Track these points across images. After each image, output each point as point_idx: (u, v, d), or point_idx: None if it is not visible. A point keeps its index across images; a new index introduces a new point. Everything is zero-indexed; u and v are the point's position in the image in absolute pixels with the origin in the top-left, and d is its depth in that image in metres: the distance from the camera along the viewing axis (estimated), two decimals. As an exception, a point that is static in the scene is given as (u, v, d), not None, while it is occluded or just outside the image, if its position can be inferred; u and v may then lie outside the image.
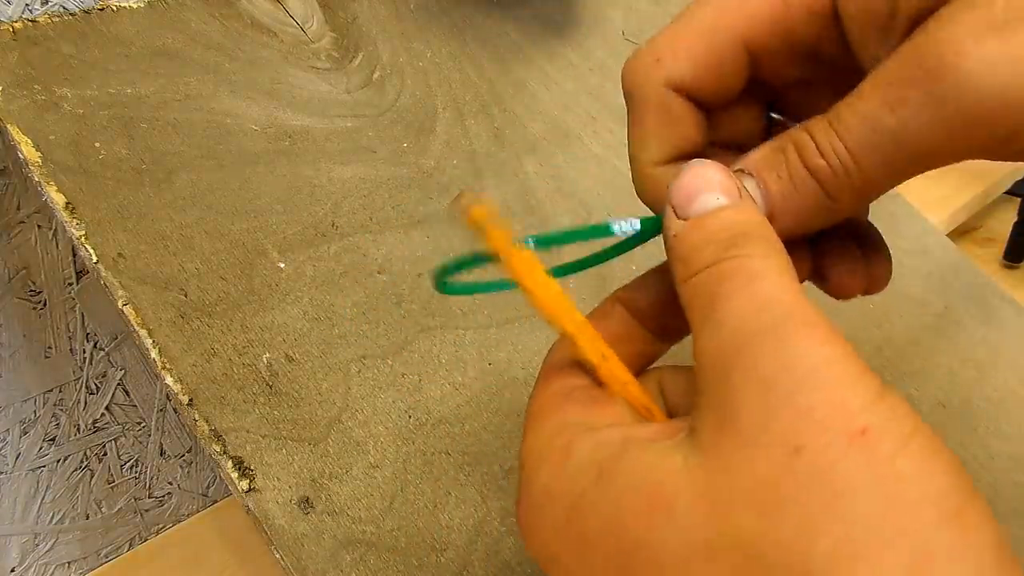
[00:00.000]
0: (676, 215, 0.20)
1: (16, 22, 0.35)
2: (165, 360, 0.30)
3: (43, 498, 0.47)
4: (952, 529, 0.13)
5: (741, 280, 0.17)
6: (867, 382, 0.15)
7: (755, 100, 0.23)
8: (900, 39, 0.18)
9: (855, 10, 0.19)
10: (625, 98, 0.22)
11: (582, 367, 0.20)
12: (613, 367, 0.20)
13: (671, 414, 0.21)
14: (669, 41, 0.21)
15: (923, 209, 0.56)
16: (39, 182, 0.32)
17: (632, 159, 0.22)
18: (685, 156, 0.21)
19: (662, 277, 0.22)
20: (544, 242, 0.21)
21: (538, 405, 0.20)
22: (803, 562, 0.14)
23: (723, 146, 0.23)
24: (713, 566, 0.14)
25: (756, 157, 0.20)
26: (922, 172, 0.18)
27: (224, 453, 0.29)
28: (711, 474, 0.15)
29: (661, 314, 0.22)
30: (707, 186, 0.19)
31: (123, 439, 0.50)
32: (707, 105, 0.22)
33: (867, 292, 0.22)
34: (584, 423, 0.19)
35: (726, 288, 0.17)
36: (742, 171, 0.20)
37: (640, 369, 0.22)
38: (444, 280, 0.21)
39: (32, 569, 0.48)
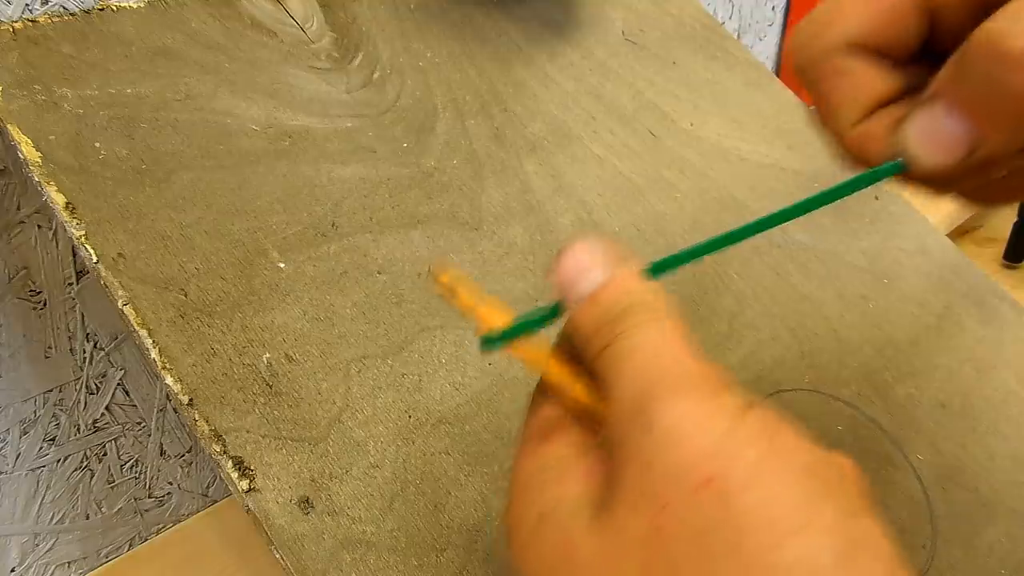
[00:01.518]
0: (568, 301, 0.21)
1: (16, 22, 0.35)
2: (165, 360, 0.30)
3: (43, 498, 0.47)
4: (793, 545, 0.15)
5: (626, 355, 0.18)
6: (714, 424, 0.16)
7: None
8: None
9: None
10: (799, 73, 0.22)
11: (538, 405, 0.21)
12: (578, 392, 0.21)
13: None
14: (835, 5, 0.21)
15: (923, 209, 0.56)
16: (39, 182, 0.32)
17: (829, 131, 0.22)
18: (881, 105, 0.21)
19: None
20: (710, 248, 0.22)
21: (521, 444, 0.21)
22: None
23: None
24: None
25: (944, 77, 0.19)
26: None
27: (224, 453, 0.29)
28: (606, 534, 0.17)
29: None
30: (583, 267, 0.20)
31: (123, 439, 0.50)
32: (892, 58, 0.21)
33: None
34: (538, 463, 0.20)
35: (617, 367, 0.18)
36: (933, 98, 0.19)
37: None
38: (493, 341, 0.22)
39: (32, 569, 0.48)
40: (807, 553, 0.15)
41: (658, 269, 0.21)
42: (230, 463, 0.29)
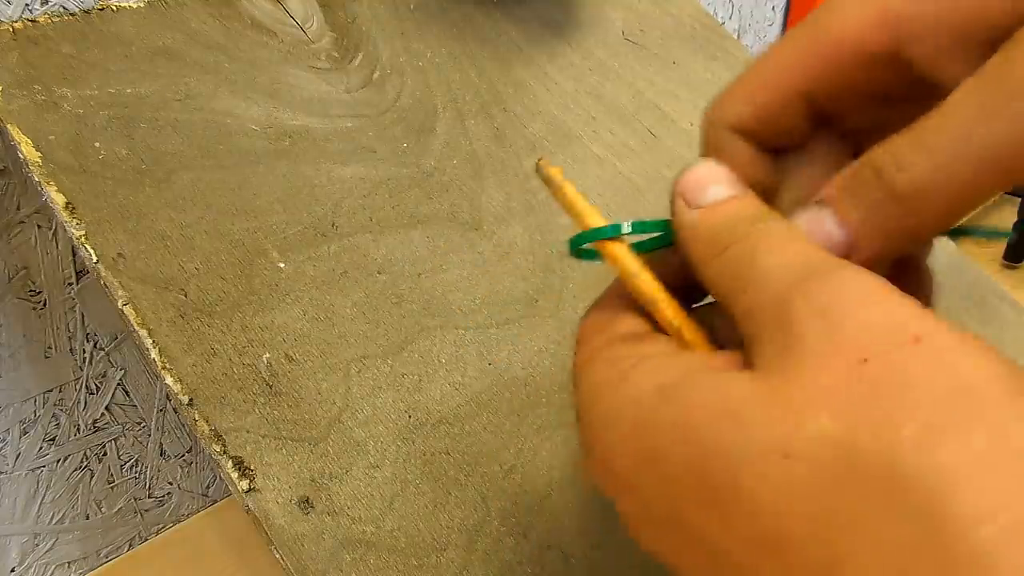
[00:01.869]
0: (688, 205, 0.21)
1: (16, 22, 0.35)
2: (165, 360, 0.30)
3: (43, 498, 0.47)
4: (1019, 401, 0.14)
5: (776, 241, 0.18)
6: (909, 301, 0.16)
7: (837, 148, 0.23)
8: (979, 57, 0.18)
9: (921, 43, 0.19)
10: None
11: (622, 319, 0.21)
12: (667, 304, 0.21)
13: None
14: (733, 87, 0.22)
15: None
16: (39, 182, 0.32)
17: None
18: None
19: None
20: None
21: (585, 356, 0.21)
22: (890, 451, 0.14)
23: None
24: (790, 464, 0.15)
25: (833, 186, 0.20)
26: (1011, 186, 0.18)
27: (224, 453, 0.29)
28: (779, 387, 0.16)
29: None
30: (716, 179, 0.21)
31: (123, 439, 0.50)
32: (773, 148, 0.22)
33: None
34: (636, 354, 0.19)
35: (763, 248, 0.18)
36: (821, 202, 0.20)
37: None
38: (587, 238, 0.22)
39: (32, 569, 0.48)
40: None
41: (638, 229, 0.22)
42: (230, 463, 0.29)
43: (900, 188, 0.18)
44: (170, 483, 0.53)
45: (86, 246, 0.31)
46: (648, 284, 0.21)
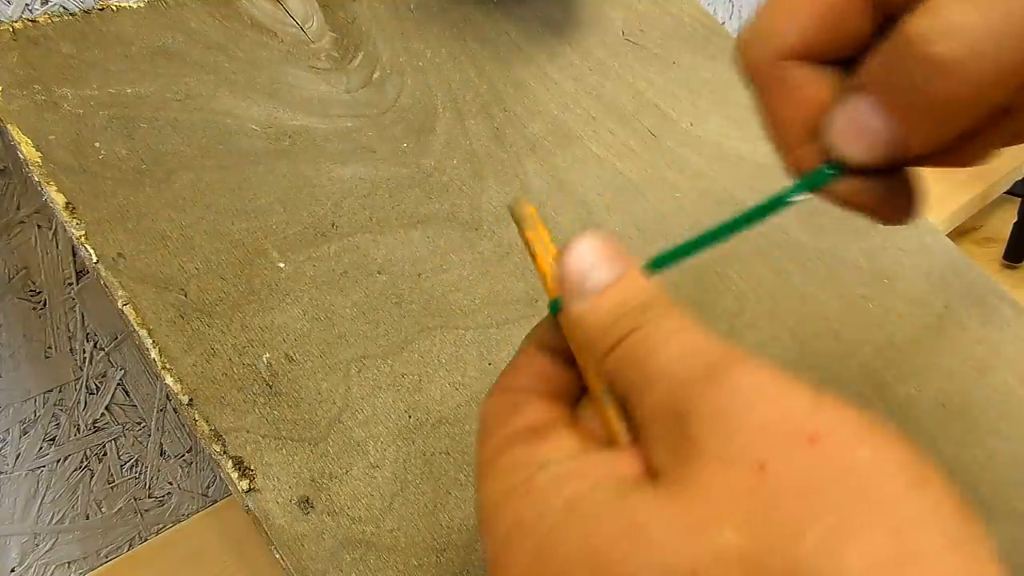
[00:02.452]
0: (571, 299, 0.20)
1: (16, 22, 0.35)
2: (165, 360, 0.30)
3: (43, 498, 0.47)
4: (922, 495, 0.14)
5: (662, 337, 0.18)
6: (802, 393, 0.16)
7: None
8: None
9: None
10: (746, 84, 0.21)
11: (528, 406, 0.20)
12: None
13: None
14: (776, 7, 0.20)
15: (923, 209, 0.56)
16: (39, 182, 0.32)
17: (776, 147, 0.22)
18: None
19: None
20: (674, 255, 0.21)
21: (484, 458, 0.20)
22: (794, 559, 0.14)
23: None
24: None
25: (867, 74, 0.18)
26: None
27: (224, 453, 0.29)
28: (683, 501, 0.15)
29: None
30: (594, 262, 0.19)
31: (123, 439, 0.50)
32: (842, 60, 0.20)
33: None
34: (537, 460, 0.18)
35: (651, 347, 0.18)
36: (860, 88, 0.18)
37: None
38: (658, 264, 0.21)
39: (32, 569, 0.48)
40: (934, 503, 0.14)
41: (658, 264, 0.21)
42: (230, 463, 0.29)
43: (938, 59, 0.16)
44: (170, 483, 0.53)
45: (86, 246, 0.31)
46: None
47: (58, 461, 0.47)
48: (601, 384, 0.20)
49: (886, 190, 0.21)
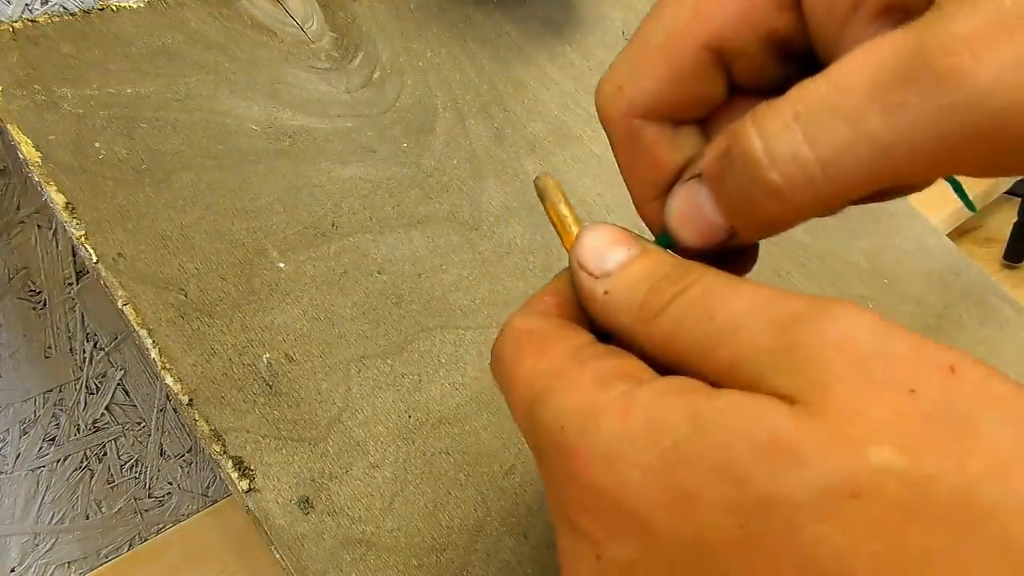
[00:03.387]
0: (592, 274, 0.19)
1: (16, 22, 0.35)
2: (165, 360, 0.30)
3: (43, 498, 0.47)
4: None
5: (725, 289, 0.17)
6: (903, 331, 0.15)
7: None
8: (867, 27, 0.16)
9: None
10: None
11: (572, 328, 0.19)
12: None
13: None
14: (626, 64, 0.19)
15: (923, 209, 0.56)
16: (39, 182, 0.32)
17: (630, 195, 0.21)
18: (679, 179, 0.20)
19: None
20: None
21: (549, 368, 0.18)
22: (962, 482, 0.14)
23: None
24: (859, 503, 0.14)
25: (707, 164, 0.18)
26: (901, 185, 0.17)
27: (224, 453, 0.29)
28: (832, 422, 0.14)
29: None
30: (611, 243, 0.19)
31: (123, 439, 0.50)
32: (690, 119, 0.20)
33: None
34: (629, 375, 0.17)
35: (716, 300, 0.16)
36: (699, 177, 0.18)
37: None
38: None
39: (32, 569, 0.48)
40: None
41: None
42: (230, 463, 0.29)
43: (770, 183, 0.16)
44: (170, 483, 0.53)
45: (86, 246, 0.31)
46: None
47: (58, 461, 0.47)
48: None
49: (722, 255, 0.21)
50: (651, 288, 0.18)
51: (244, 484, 0.29)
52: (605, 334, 0.19)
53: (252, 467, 0.29)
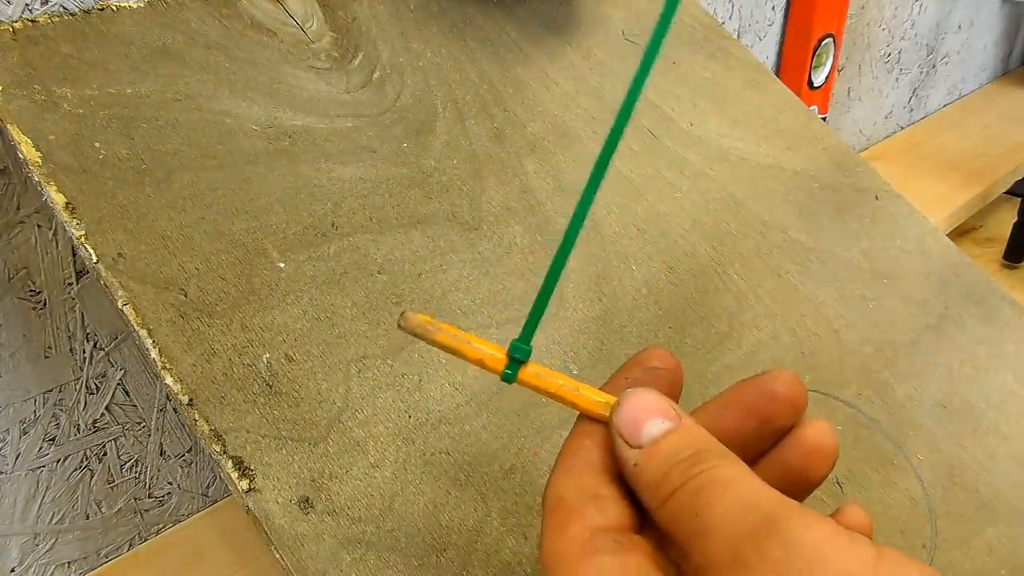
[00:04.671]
0: (628, 444, 0.20)
1: (16, 22, 0.35)
2: (165, 360, 0.30)
3: (43, 498, 0.47)
4: None
5: (718, 489, 0.18)
6: (863, 549, 0.16)
7: None
8: None
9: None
10: None
11: (595, 502, 0.21)
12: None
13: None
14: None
15: (923, 209, 0.56)
16: (39, 182, 0.32)
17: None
18: None
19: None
20: (527, 334, 0.23)
21: (565, 553, 0.20)
22: None
23: None
24: None
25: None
26: None
27: (224, 453, 0.29)
28: None
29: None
30: (649, 413, 0.20)
31: (123, 439, 0.50)
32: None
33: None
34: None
35: (706, 499, 0.18)
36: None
37: None
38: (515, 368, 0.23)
39: (32, 569, 0.48)
40: None
41: (523, 341, 0.23)
42: (230, 463, 0.29)
43: None
44: (170, 483, 0.53)
45: (86, 246, 0.31)
46: (589, 399, 0.22)
47: (58, 461, 0.47)
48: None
49: None
50: (666, 472, 0.19)
51: (244, 484, 0.29)
52: None
53: (252, 467, 0.29)
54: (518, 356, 0.23)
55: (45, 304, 0.44)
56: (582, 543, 0.20)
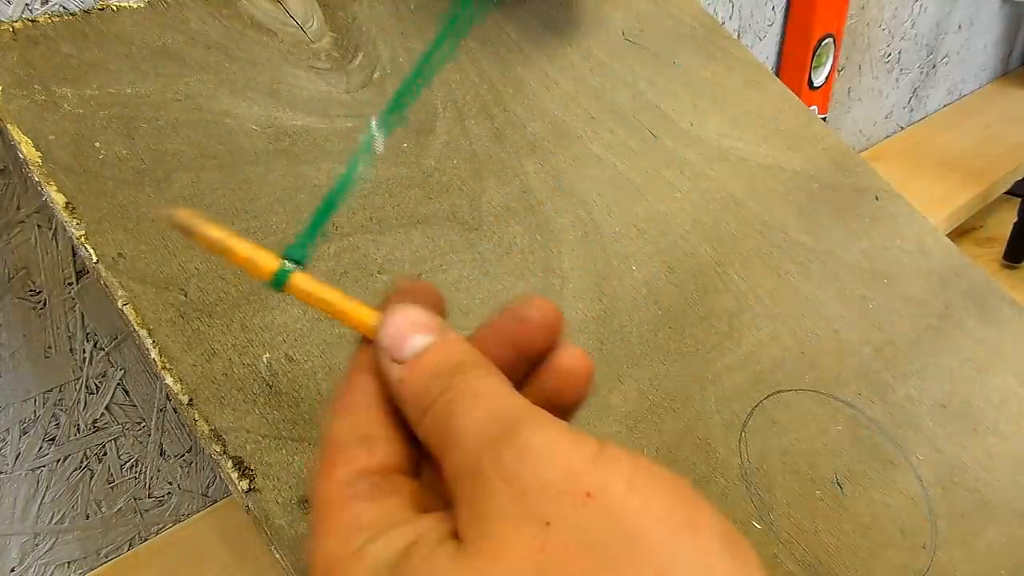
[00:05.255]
0: (392, 360, 0.21)
1: (16, 22, 0.35)
2: (165, 360, 0.30)
3: (43, 498, 0.47)
4: (684, 537, 0.16)
5: (468, 401, 0.19)
6: (585, 448, 0.17)
7: None
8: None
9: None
10: None
11: (364, 442, 0.21)
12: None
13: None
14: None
15: (923, 209, 0.56)
16: (39, 182, 0.32)
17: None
18: None
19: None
20: (305, 241, 0.22)
21: (326, 496, 0.20)
22: None
23: None
24: None
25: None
26: None
27: (224, 453, 0.29)
28: (478, 562, 0.16)
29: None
30: (413, 327, 0.21)
31: (123, 439, 0.50)
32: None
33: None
34: (374, 526, 0.19)
35: (456, 410, 0.19)
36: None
37: None
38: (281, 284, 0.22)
39: (32, 569, 0.48)
40: (694, 545, 0.16)
41: (299, 249, 0.22)
42: (230, 463, 0.29)
43: None
44: (170, 483, 0.53)
45: (86, 246, 0.31)
46: (349, 306, 0.21)
47: (58, 461, 0.47)
48: None
49: None
50: (426, 385, 0.20)
51: (244, 484, 0.29)
52: None
53: (252, 467, 0.29)
54: (295, 258, 0.22)
55: (45, 304, 0.44)
56: (343, 486, 0.20)
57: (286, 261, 0.22)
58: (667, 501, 0.16)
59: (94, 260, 0.31)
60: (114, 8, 0.38)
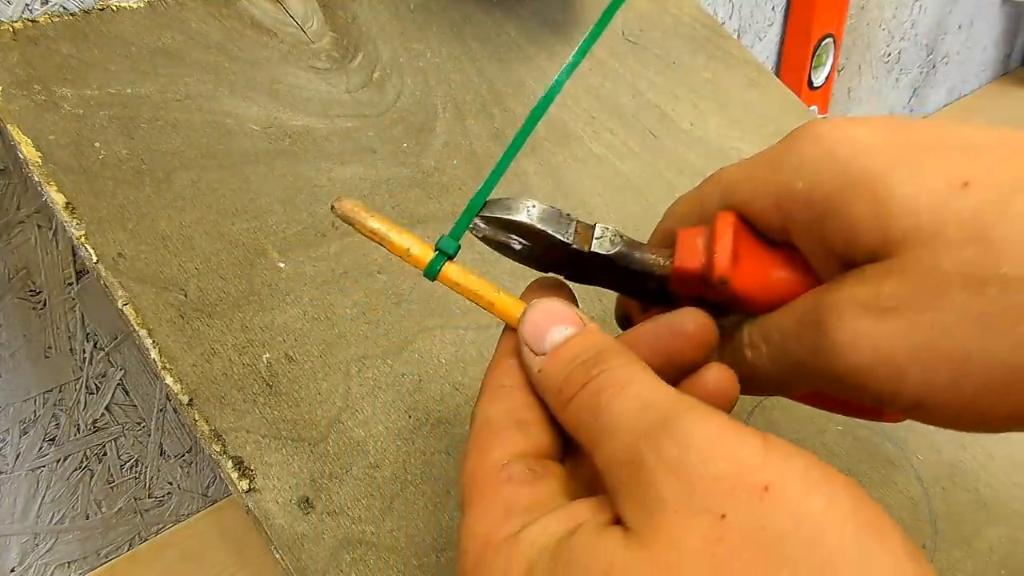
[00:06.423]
0: (533, 352, 0.21)
1: (16, 22, 0.35)
2: (165, 360, 0.30)
3: (43, 498, 0.47)
4: (871, 538, 0.15)
5: (617, 389, 0.19)
6: (753, 441, 0.17)
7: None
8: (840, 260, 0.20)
9: (807, 244, 0.21)
10: None
11: (519, 427, 0.21)
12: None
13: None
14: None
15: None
16: (39, 182, 0.32)
17: None
18: None
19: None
20: (457, 233, 0.24)
21: (481, 478, 0.20)
22: None
23: None
24: None
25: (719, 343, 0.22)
26: (801, 392, 0.23)
27: (224, 453, 0.29)
28: (651, 550, 0.16)
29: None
30: (553, 320, 0.21)
31: (123, 439, 0.50)
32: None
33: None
34: (528, 508, 0.19)
35: (604, 399, 0.19)
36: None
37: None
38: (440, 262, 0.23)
39: (32, 569, 0.48)
40: (882, 548, 0.15)
41: (455, 236, 0.23)
42: (230, 463, 0.29)
43: (746, 366, 0.22)
44: (170, 483, 0.53)
45: (86, 246, 0.31)
46: (503, 301, 0.22)
47: (58, 461, 0.47)
48: None
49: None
50: (568, 374, 0.20)
51: (244, 484, 0.29)
52: None
53: (252, 467, 0.29)
54: (447, 250, 0.23)
55: (45, 304, 0.44)
56: (498, 469, 0.20)
57: (439, 252, 0.23)
58: (849, 503, 0.16)
59: (94, 260, 0.31)
60: (114, 8, 0.38)
